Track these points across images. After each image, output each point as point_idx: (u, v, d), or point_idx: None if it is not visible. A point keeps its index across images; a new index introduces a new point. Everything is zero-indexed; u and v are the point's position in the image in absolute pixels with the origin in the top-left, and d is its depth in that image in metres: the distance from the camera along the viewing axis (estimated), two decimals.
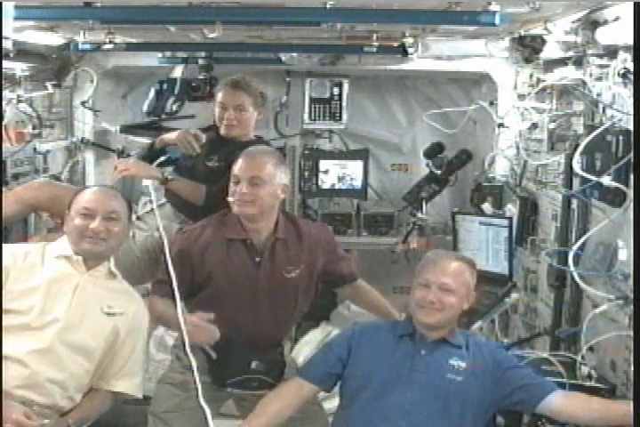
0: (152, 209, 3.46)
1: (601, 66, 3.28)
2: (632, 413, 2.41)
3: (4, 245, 2.94)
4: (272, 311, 3.07)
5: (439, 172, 4.92)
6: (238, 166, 3.01)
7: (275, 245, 3.07)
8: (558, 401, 2.73)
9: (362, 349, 2.90)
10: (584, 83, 3.43)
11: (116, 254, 2.98)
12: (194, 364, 2.78)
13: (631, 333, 2.75)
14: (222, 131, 3.69)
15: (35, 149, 4.45)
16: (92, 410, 2.84)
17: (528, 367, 2.97)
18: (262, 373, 3.04)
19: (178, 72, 5.00)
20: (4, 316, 2.68)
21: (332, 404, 3.17)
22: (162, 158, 3.67)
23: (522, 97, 4.54)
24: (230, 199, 3.01)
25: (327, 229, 3.41)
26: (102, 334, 2.81)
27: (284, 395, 2.90)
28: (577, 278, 3.19)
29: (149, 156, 3.71)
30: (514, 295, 3.95)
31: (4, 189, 3.79)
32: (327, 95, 5.48)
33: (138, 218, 3.76)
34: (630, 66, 2.93)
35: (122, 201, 2.94)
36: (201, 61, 4.99)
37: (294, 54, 5.00)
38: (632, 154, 2.84)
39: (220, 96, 3.68)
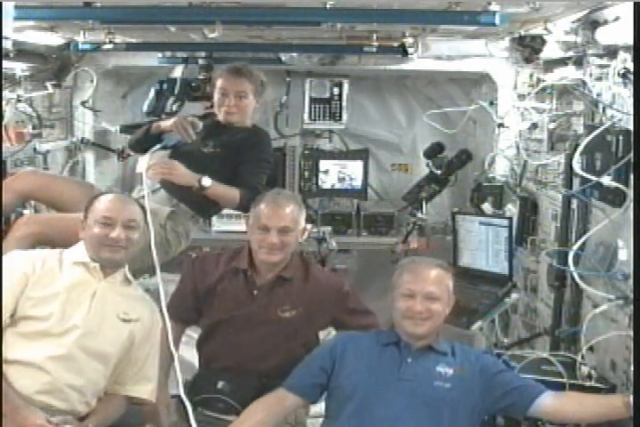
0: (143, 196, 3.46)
1: (601, 66, 3.28)
2: (632, 412, 2.42)
3: (22, 252, 3.01)
4: (257, 345, 3.07)
5: (439, 172, 4.92)
6: (266, 216, 3.06)
7: (276, 282, 3.11)
8: (549, 402, 2.72)
9: (346, 358, 2.86)
10: (584, 83, 3.43)
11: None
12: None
13: (631, 333, 2.75)
14: (221, 117, 3.64)
15: (35, 148, 4.45)
16: (110, 414, 2.89)
17: (514, 371, 2.96)
18: (226, 394, 3.01)
19: (178, 72, 5.00)
20: (24, 322, 2.74)
21: (318, 407, 3.14)
22: (158, 146, 3.61)
23: (522, 97, 4.54)
24: (255, 247, 3.07)
25: (340, 280, 3.32)
26: (119, 340, 2.85)
27: (268, 406, 2.86)
28: (577, 278, 3.19)
29: (145, 142, 3.65)
30: (514, 295, 3.95)
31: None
32: (327, 95, 5.48)
33: None
34: (630, 66, 2.93)
35: (138, 208, 2.99)
36: (201, 61, 4.99)
37: (294, 54, 5.00)
38: (632, 154, 2.84)
39: (220, 82, 3.62)
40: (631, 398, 2.48)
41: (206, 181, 3.36)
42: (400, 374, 2.79)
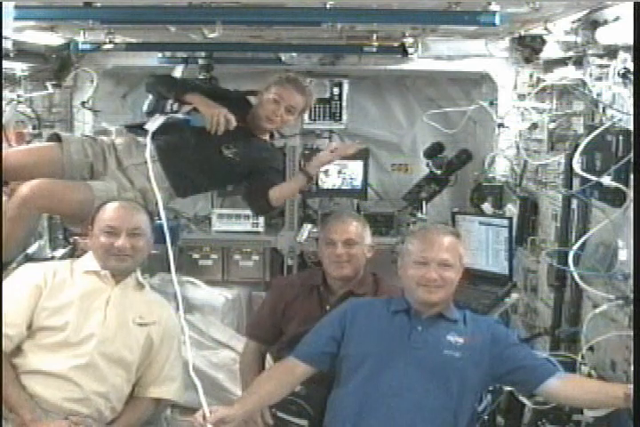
0: (142, 164, 3.40)
1: (601, 66, 3.27)
2: (632, 413, 2.42)
3: (33, 265, 3.03)
4: None
5: (439, 172, 4.92)
6: (331, 231, 3.29)
7: (347, 297, 3.20)
8: (555, 385, 2.71)
9: (356, 326, 2.86)
10: (584, 83, 3.43)
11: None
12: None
13: (631, 333, 2.75)
14: (260, 121, 3.62)
15: None
16: (137, 418, 2.93)
17: (527, 346, 2.98)
18: (302, 397, 3.03)
19: (178, 72, 4.99)
20: (41, 333, 2.78)
21: None
22: (181, 116, 3.57)
23: (522, 97, 4.54)
24: (326, 263, 3.26)
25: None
26: (137, 344, 2.89)
27: (278, 375, 2.85)
28: (577, 278, 3.19)
29: (164, 104, 3.62)
30: (514, 295, 3.95)
31: (4, 189, 3.79)
32: (327, 95, 5.47)
33: (123, 170, 3.47)
34: (630, 66, 2.93)
35: (143, 214, 3.01)
36: (201, 61, 4.98)
37: (294, 54, 5.00)
38: (632, 154, 2.84)
39: (277, 89, 3.58)
40: (632, 391, 2.48)
41: None
42: (410, 343, 2.78)
